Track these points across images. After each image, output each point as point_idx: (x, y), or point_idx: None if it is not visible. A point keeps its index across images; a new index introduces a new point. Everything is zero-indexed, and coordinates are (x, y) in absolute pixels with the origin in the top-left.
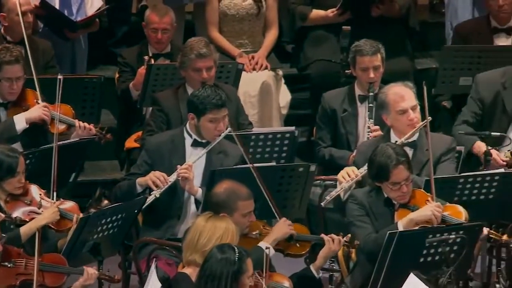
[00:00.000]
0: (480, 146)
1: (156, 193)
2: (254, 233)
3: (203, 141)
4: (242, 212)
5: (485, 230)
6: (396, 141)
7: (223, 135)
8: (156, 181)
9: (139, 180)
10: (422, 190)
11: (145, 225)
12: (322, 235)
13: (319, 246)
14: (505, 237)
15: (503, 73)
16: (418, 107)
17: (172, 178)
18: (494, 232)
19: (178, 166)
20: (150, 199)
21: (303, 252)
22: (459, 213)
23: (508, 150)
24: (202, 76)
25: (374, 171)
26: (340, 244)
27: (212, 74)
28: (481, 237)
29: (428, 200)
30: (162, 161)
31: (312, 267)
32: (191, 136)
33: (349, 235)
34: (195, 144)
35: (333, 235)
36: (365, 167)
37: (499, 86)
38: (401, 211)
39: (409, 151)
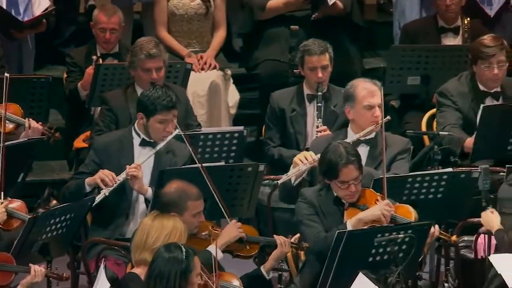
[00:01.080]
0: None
1: (105, 191)
2: (203, 233)
3: (152, 140)
4: (192, 212)
5: (436, 231)
6: (355, 137)
7: (171, 135)
8: (105, 179)
9: (88, 179)
10: (371, 189)
11: (94, 225)
12: (275, 237)
13: (268, 246)
14: (454, 237)
15: (465, 85)
16: (383, 106)
17: (121, 177)
18: (443, 233)
19: (127, 165)
20: (99, 197)
21: (252, 254)
22: (408, 213)
23: None
24: (152, 76)
25: (324, 168)
26: (289, 246)
27: (162, 74)
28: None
29: (377, 200)
30: (110, 160)
31: (262, 269)
32: (139, 135)
33: (297, 235)
34: (143, 143)
35: (282, 238)
36: None
37: (469, 100)
38: (351, 210)
39: (365, 148)
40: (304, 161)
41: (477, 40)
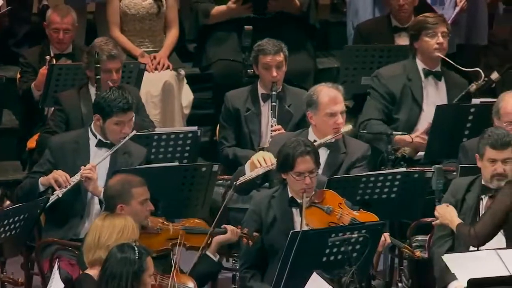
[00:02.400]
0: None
1: (58, 192)
2: (155, 228)
3: (108, 141)
4: (138, 199)
5: (387, 238)
6: (315, 140)
7: (128, 137)
8: (59, 179)
9: (42, 179)
10: (334, 192)
11: (48, 225)
12: (226, 226)
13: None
14: (418, 253)
15: (403, 66)
16: (345, 112)
17: (76, 178)
18: (407, 247)
19: (82, 166)
20: (52, 198)
21: (204, 245)
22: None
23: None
24: (112, 77)
25: (280, 160)
26: (237, 235)
27: (120, 75)
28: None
29: (341, 203)
30: (65, 160)
31: (208, 252)
32: (96, 136)
33: (247, 229)
34: (100, 144)
35: (231, 226)
36: None
37: (404, 78)
38: (314, 209)
39: (325, 152)
40: (262, 163)
41: (418, 17)
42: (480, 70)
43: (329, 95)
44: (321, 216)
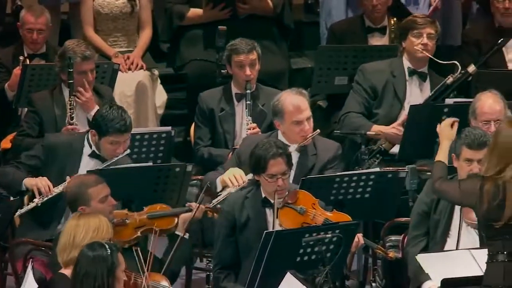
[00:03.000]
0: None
1: (38, 201)
2: (121, 220)
3: (101, 155)
4: (97, 198)
5: (361, 239)
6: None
7: (121, 155)
8: (41, 189)
9: (26, 181)
10: (307, 192)
11: (23, 226)
12: (191, 203)
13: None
14: (391, 254)
15: (390, 63)
16: (311, 116)
17: (59, 189)
18: (381, 248)
19: (68, 177)
20: (30, 206)
21: (173, 225)
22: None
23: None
24: (87, 78)
25: (253, 162)
26: (202, 211)
27: (94, 75)
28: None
29: (314, 204)
30: (55, 161)
31: (177, 232)
32: (90, 146)
33: (210, 205)
34: (93, 155)
35: (194, 203)
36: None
37: (389, 74)
38: (287, 210)
39: (296, 155)
40: (234, 182)
41: (410, 16)
42: (457, 63)
43: (293, 104)
44: (295, 217)
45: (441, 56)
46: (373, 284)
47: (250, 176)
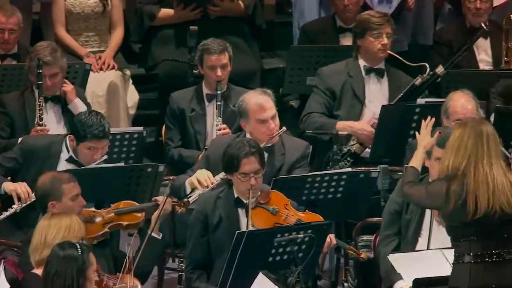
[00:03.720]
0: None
1: (17, 207)
2: (88, 216)
3: (78, 160)
4: (69, 195)
5: (333, 239)
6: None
7: (97, 162)
8: (21, 195)
9: (5, 185)
10: (280, 193)
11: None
12: (155, 198)
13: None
14: (363, 255)
15: (346, 64)
16: (277, 115)
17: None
18: (353, 249)
19: None
20: (9, 212)
21: (139, 221)
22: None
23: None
24: (46, 83)
25: (225, 161)
26: (170, 204)
27: (56, 81)
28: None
29: (287, 204)
30: (32, 164)
31: (149, 231)
32: (68, 151)
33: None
34: (70, 160)
35: (161, 197)
36: (221, 174)
37: (345, 75)
38: (259, 210)
39: (264, 156)
40: (203, 183)
41: (363, 14)
42: (426, 64)
43: (257, 103)
44: (267, 217)
45: (413, 56)
46: (345, 284)
47: (219, 177)
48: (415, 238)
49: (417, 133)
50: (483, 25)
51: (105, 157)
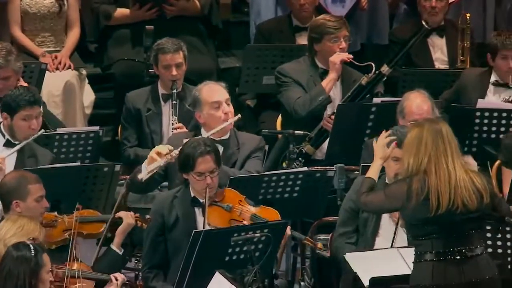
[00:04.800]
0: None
1: None
2: (49, 221)
3: (16, 142)
4: (34, 196)
5: (288, 230)
6: (207, 135)
7: (36, 135)
8: None
9: None
10: (234, 190)
11: None
12: (119, 212)
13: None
14: (319, 245)
15: (303, 62)
16: (230, 100)
17: None
18: (309, 239)
19: None
20: None
21: (101, 231)
22: (273, 216)
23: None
24: None
25: (181, 160)
26: (134, 218)
27: (9, 83)
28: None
29: (241, 201)
30: None
31: (112, 246)
32: (4, 136)
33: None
34: (8, 144)
35: (124, 212)
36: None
37: (307, 73)
38: (214, 208)
39: (220, 149)
40: (163, 152)
41: (318, 19)
42: (372, 64)
43: (210, 89)
44: (222, 214)
45: (368, 55)
46: (302, 283)
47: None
48: (373, 237)
49: (374, 142)
50: (424, 23)
51: (42, 131)
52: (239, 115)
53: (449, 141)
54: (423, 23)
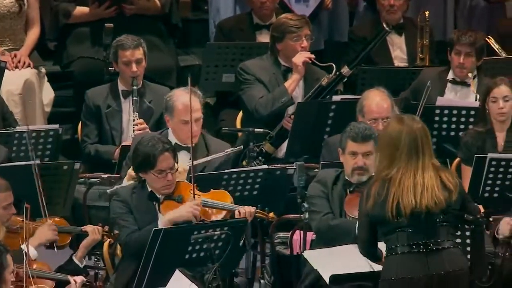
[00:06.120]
0: None
1: None
2: (14, 227)
3: None
4: (2, 204)
5: (251, 208)
6: (175, 143)
7: None
8: None
9: None
10: (185, 180)
11: None
12: (85, 227)
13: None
14: (271, 214)
15: (266, 60)
16: (201, 118)
17: None
18: (260, 212)
19: None
20: None
21: (65, 244)
22: (225, 197)
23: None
24: None
25: (139, 160)
26: (100, 233)
27: None
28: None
29: (191, 190)
30: None
31: (74, 258)
32: None
33: (107, 226)
34: None
35: (92, 226)
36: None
37: (270, 71)
38: (167, 202)
39: (187, 156)
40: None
41: (280, 18)
42: (333, 64)
43: (183, 103)
44: (174, 207)
45: (328, 53)
46: (262, 281)
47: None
48: None
49: None
50: (384, 25)
51: None
52: (241, 147)
53: (423, 145)
54: (384, 25)
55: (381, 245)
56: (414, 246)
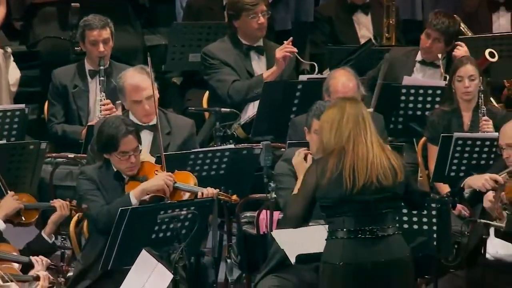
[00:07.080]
0: None
1: None
2: None
3: None
4: None
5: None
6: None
7: None
8: None
9: None
10: (150, 161)
11: None
12: (53, 201)
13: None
14: (234, 197)
15: (227, 41)
16: (155, 95)
17: None
18: (223, 194)
19: None
20: None
21: (32, 220)
22: (188, 178)
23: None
24: None
25: (103, 142)
26: (68, 208)
27: None
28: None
29: (157, 171)
30: None
31: (43, 233)
32: None
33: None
34: None
35: (61, 200)
36: None
37: (233, 52)
38: (131, 183)
39: (149, 135)
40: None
41: None
42: (315, 64)
43: (132, 84)
44: None
45: (296, 34)
46: (228, 261)
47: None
48: None
49: (293, 161)
50: (372, 39)
51: None
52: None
53: (368, 119)
54: (371, 38)
55: None
56: (360, 232)
